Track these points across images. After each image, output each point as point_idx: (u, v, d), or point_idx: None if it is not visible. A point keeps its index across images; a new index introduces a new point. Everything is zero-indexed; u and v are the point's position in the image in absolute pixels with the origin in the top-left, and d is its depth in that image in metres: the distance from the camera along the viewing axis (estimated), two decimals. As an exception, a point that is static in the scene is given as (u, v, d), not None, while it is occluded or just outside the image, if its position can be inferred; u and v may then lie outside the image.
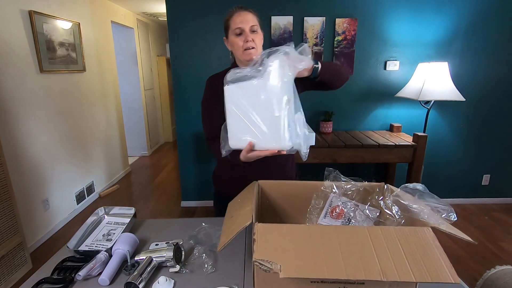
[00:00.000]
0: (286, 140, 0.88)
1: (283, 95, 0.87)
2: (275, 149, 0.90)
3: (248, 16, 1.03)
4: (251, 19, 1.03)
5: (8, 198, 1.83)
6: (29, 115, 2.25)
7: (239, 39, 1.03)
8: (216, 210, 1.32)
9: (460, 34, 2.55)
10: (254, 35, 1.03)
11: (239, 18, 1.03)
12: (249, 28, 1.02)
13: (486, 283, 0.99)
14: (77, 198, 2.84)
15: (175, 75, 2.63)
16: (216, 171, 1.29)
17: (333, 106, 2.68)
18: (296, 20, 2.52)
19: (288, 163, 1.23)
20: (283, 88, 0.87)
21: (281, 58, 0.86)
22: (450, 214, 0.74)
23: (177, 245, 0.90)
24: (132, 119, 4.48)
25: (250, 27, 1.02)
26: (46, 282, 0.83)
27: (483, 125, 2.75)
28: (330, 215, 0.91)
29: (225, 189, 1.24)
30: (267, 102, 0.87)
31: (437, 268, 0.58)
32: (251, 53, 1.03)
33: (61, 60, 2.60)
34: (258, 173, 1.08)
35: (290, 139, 0.89)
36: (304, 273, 0.58)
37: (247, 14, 1.03)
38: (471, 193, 2.93)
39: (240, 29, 1.02)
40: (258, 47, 1.05)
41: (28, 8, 2.25)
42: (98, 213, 1.15)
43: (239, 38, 1.03)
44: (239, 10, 1.04)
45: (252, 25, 1.02)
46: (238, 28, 1.02)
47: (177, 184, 3.50)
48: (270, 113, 0.88)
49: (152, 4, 3.82)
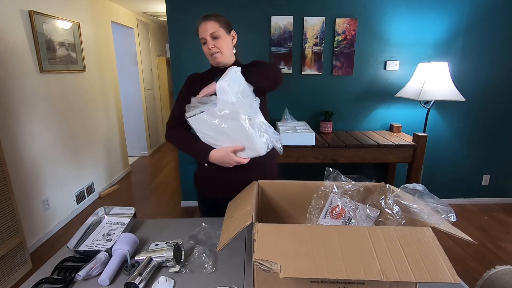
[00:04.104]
0: (263, 148, 1.04)
1: (243, 113, 0.99)
2: (254, 156, 1.07)
3: (208, 25, 1.11)
4: (210, 27, 1.11)
5: (8, 198, 1.83)
6: (29, 115, 2.25)
7: (205, 47, 1.14)
8: (201, 212, 1.34)
9: (460, 34, 2.55)
10: (215, 41, 1.12)
11: (201, 29, 1.13)
12: (209, 35, 1.11)
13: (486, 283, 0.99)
14: (77, 198, 2.84)
15: (175, 75, 2.63)
16: (196, 174, 1.31)
17: (333, 106, 2.69)
18: (296, 20, 2.52)
19: (268, 163, 1.24)
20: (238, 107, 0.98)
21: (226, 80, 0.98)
22: (449, 214, 0.74)
23: (177, 245, 0.90)
24: (132, 119, 4.48)
25: (210, 35, 1.11)
26: (46, 282, 0.83)
27: (483, 125, 2.75)
28: (330, 215, 0.92)
29: (206, 192, 1.27)
30: (233, 124, 1.00)
31: (437, 268, 0.58)
32: (216, 57, 1.14)
33: (61, 60, 2.60)
34: (237, 175, 1.14)
35: (265, 144, 1.05)
36: (304, 273, 0.58)
37: (207, 23, 1.12)
38: (471, 193, 2.93)
39: (203, 39, 1.13)
40: (223, 50, 1.14)
41: (28, 8, 2.25)
42: (98, 213, 1.15)
43: (205, 46, 1.14)
44: (202, 21, 1.13)
45: (212, 32, 1.11)
46: (202, 38, 1.13)
47: (177, 184, 3.50)
48: (239, 132, 1.01)
49: (152, 4, 3.82)
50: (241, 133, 1.01)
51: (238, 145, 1.05)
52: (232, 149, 1.05)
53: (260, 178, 1.03)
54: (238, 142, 1.04)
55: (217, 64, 1.16)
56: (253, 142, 1.02)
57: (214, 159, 1.08)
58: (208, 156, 1.08)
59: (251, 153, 1.06)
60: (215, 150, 1.08)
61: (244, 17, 2.52)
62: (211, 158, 1.08)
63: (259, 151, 1.04)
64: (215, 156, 1.07)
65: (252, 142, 1.02)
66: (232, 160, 1.06)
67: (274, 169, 1.29)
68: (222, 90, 0.96)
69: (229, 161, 1.07)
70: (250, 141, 1.02)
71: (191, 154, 1.15)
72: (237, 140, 1.04)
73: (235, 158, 1.06)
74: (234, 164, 1.08)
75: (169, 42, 2.60)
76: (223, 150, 1.06)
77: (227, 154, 1.06)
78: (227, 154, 1.06)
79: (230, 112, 0.97)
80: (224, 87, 0.96)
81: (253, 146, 1.03)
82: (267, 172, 1.23)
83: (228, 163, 1.07)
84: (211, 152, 1.08)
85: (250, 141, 1.02)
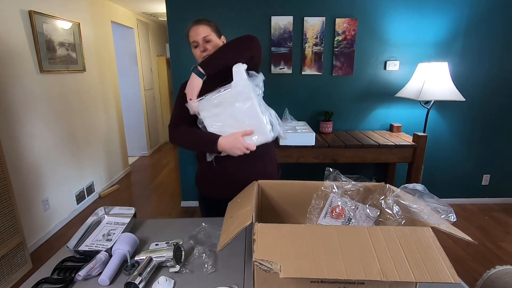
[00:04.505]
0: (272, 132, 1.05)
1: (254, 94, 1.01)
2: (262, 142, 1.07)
3: (200, 29, 1.13)
4: (203, 31, 1.13)
5: (8, 198, 1.83)
6: (29, 115, 2.25)
7: (197, 50, 1.16)
8: (201, 211, 1.34)
9: (460, 34, 2.55)
10: (207, 44, 1.14)
11: (192, 32, 1.14)
12: (201, 39, 1.13)
13: (486, 283, 0.99)
14: (77, 198, 2.84)
15: (175, 75, 2.63)
16: (198, 174, 1.31)
17: (333, 106, 2.69)
18: (296, 20, 2.52)
19: (268, 162, 1.25)
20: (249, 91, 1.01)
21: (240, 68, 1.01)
22: (449, 214, 0.74)
23: (177, 245, 0.90)
24: (132, 119, 4.48)
25: (202, 38, 1.13)
26: (46, 282, 0.83)
27: (483, 125, 2.75)
28: (330, 215, 0.92)
29: (206, 191, 1.28)
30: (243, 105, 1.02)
31: (437, 268, 0.58)
32: None
33: (61, 60, 2.60)
34: (237, 174, 1.15)
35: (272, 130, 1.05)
36: (304, 273, 0.58)
37: (199, 27, 1.13)
38: (471, 193, 2.93)
39: (195, 42, 1.14)
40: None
41: (28, 8, 2.25)
42: (98, 213, 1.15)
43: (197, 50, 1.16)
44: (193, 25, 1.14)
45: (205, 36, 1.13)
46: (194, 42, 1.14)
47: (177, 184, 3.50)
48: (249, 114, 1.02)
49: (152, 4, 3.82)
50: (251, 115, 1.02)
51: (247, 129, 1.04)
52: (242, 133, 1.04)
53: (260, 177, 1.03)
54: (247, 126, 1.04)
55: None
56: (262, 125, 1.02)
57: (223, 146, 1.06)
58: (217, 144, 1.06)
59: (260, 137, 1.05)
60: (224, 137, 1.06)
61: (244, 17, 2.52)
62: (220, 145, 1.06)
63: (268, 134, 1.04)
64: (224, 142, 1.06)
65: (261, 125, 1.02)
66: (241, 145, 1.04)
67: (274, 169, 1.29)
68: (239, 71, 0.99)
69: (239, 145, 1.04)
70: (259, 124, 1.02)
71: (198, 146, 1.15)
72: (246, 123, 1.04)
73: (244, 143, 1.04)
74: (243, 150, 1.05)
75: (169, 42, 2.60)
76: (232, 135, 1.05)
77: (236, 138, 1.04)
78: (236, 138, 1.04)
79: (243, 89, 0.99)
80: (240, 69, 0.99)
81: (262, 129, 1.03)
82: (267, 171, 1.23)
83: (237, 148, 1.05)
84: (219, 139, 1.06)
85: (259, 124, 1.02)
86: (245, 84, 0.99)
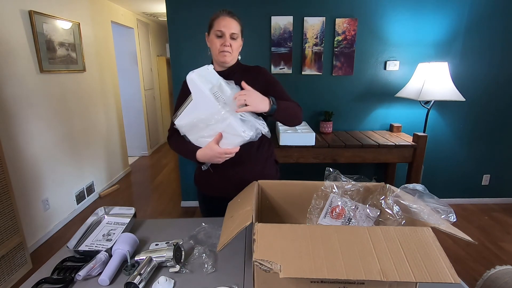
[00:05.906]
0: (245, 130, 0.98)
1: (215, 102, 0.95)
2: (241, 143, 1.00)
3: (232, 23, 1.10)
4: (233, 27, 1.10)
5: (8, 198, 1.83)
6: (29, 115, 2.25)
7: (218, 40, 1.10)
8: (201, 210, 1.35)
9: (460, 34, 2.55)
10: (232, 41, 1.11)
11: (223, 22, 1.09)
12: (229, 33, 1.09)
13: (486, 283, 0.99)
14: (77, 198, 2.84)
15: (175, 75, 2.63)
16: (196, 173, 1.31)
17: (333, 106, 2.68)
18: (296, 20, 2.52)
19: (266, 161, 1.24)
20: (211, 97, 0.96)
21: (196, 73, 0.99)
22: (449, 214, 0.74)
23: (177, 245, 0.90)
24: (132, 119, 4.48)
25: (230, 34, 1.09)
26: (46, 282, 0.83)
27: (483, 125, 2.75)
28: (330, 215, 0.91)
29: (206, 190, 1.28)
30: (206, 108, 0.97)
31: (437, 268, 0.58)
32: (225, 55, 1.11)
33: (61, 60, 2.60)
34: (235, 173, 1.14)
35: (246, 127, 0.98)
36: (304, 273, 0.58)
37: (232, 21, 1.10)
38: (471, 193, 2.93)
39: (221, 32, 1.09)
40: (234, 52, 1.13)
41: (28, 8, 2.25)
42: (98, 213, 1.15)
43: (218, 39, 1.10)
44: (226, 15, 1.10)
45: (233, 32, 1.09)
46: (220, 31, 1.09)
47: (177, 184, 3.50)
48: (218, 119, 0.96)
49: (152, 4, 3.82)
50: (218, 120, 0.96)
51: (217, 135, 1.01)
52: (214, 141, 1.00)
53: (259, 176, 1.02)
54: (218, 130, 0.99)
55: (222, 62, 1.13)
56: (231, 125, 0.95)
57: (202, 158, 1.05)
58: (197, 158, 1.06)
59: (235, 139, 0.99)
60: (200, 149, 1.05)
61: (244, 17, 2.52)
62: (199, 158, 1.06)
63: (242, 134, 0.97)
64: (201, 155, 1.05)
65: (230, 125, 0.95)
66: (217, 153, 1.00)
67: (273, 168, 1.28)
68: (191, 81, 0.97)
69: (215, 154, 1.00)
70: (227, 123, 0.96)
71: (187, 158, 1.14)
72: (217, 127, 0.99)
73: (219, 149, 1.00)
74: (223, 156, 1.02)
75: (169, 42, 2.60)
76: (208, 146, 1.02)
77: (211, 148, 1.01)
78: (211, 148, 1.01)
79: (200, 98, 0.96)
80: (192, 78, 0.96)
81: (233, 129, 0.96)
82: (265, 171, 1.23)
83: (216, 157, 1.02)
84: (197, 152, 1.05)
85: (228, 123, 0.96)
86: (200, 92, 0.95)
